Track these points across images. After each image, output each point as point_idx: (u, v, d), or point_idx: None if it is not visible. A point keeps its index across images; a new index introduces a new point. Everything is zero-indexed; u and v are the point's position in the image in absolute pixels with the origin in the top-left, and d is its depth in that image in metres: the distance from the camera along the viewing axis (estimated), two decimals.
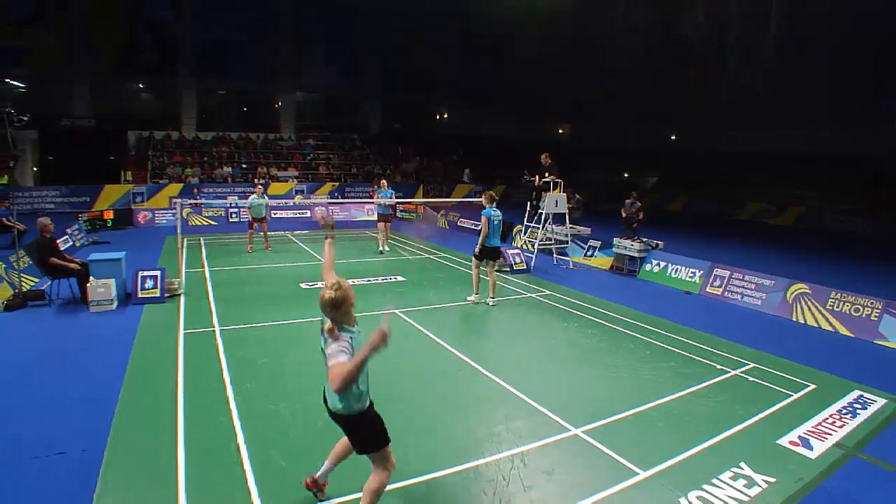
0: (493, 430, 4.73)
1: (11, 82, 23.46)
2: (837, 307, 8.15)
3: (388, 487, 3.43)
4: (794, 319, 8.64)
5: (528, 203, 12.74)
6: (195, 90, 27.16)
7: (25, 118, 8.27)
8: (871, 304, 7.81)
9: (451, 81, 34.38)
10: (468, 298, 9.03)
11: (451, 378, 5.91)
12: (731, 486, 4.02)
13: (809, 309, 8.45)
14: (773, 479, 4.14)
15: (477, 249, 8.82)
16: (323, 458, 3.67)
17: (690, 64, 31.66)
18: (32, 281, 9.03)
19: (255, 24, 28.30)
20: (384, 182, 14.75)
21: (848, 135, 23.98)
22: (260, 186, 14.40)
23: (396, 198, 13.78)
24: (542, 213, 12.30)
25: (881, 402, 5.67)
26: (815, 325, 8.36)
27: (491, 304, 8.77)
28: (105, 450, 4.23)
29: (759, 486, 4.06)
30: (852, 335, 7.89)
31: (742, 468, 4.26)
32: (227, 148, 26.12)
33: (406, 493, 3.81)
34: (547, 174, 12.29)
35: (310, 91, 30.94)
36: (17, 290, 8.26)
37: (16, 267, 8.70)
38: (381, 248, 13.67)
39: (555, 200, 12.07)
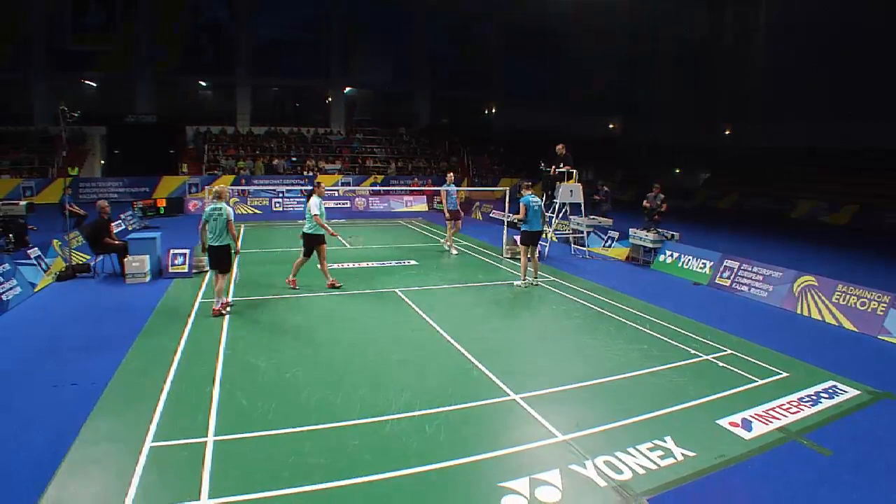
0: (438, 391, 5.11)
1: (86, 82, 26.01)
2: (843, 300, 7.78)
3: (329, 425, 4.45)
4: (800, 312, 8.32)
5: (545, 193, 12.82)
6: (250, 87, 28.86)
7: (76, 115, 9.38)
8: (878, 297, 7.41)
9: (501, 76, 34.42)
10: (515, 283, 9.28)
11: (420, 346, 6.34)
12: (645, 456, 4.15)
13: (815, 302, 8.12)
14: (692, 454, 4.20)
15: (516, 240, 9.10)
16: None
17: (744, 57, 30.18)
18: (84, 257, 10.21)
19: (307, 22, 29.66)
20: (451, 175, 13.27)
21: None
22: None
23: (435, 189, 13.05)
24: (556, 203, 12.35)
25: (853, 393, 5.50)
26: (820, 318, 8.02)
27: (535, 283, 9.30)
28: (109, 382, 5.14)
29: (675, 458, 4.15)
30: (856, 329, 7.53)
31: (665, 441, 4.36)
32: (279, 142, 27.59)
33: (337, 431, 4.36)
34: (562, 164, 12.30)
35: (360, 87, 31.96)
36: (68, 264, 9.46)
37: (70, 245, 9.90)
38: (446, 248, 12.57)
39: (569, 190, 12.09)
